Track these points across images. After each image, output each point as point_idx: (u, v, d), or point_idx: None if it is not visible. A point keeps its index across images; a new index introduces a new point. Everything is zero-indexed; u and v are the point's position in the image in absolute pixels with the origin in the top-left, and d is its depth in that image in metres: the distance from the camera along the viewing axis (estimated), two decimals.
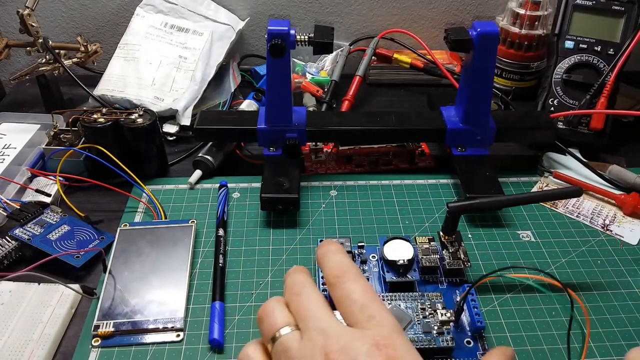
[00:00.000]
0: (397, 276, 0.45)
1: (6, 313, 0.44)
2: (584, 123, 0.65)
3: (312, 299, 0.30)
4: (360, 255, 0.49)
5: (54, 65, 0.68)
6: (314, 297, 0.30)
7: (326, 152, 0.65)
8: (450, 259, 0.47)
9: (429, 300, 0.44)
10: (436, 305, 0.43)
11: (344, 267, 0.31)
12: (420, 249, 0.47)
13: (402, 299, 0.44)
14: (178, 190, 0.59)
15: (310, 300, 0.30)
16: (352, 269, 0.31)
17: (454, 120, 0.60)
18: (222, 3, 0.81)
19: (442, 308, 0.43)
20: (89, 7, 0.82)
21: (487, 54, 0.55)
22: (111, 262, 0.48)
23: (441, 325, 0.41)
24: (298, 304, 0.30)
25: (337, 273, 0.31)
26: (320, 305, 0.30)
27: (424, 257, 0.47)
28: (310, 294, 0.30)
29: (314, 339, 0.28)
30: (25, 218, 0.52)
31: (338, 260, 0.32)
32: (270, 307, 0.30)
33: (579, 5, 0.68)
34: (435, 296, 0.44)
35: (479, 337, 0.43)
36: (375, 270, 0.48)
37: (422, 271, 0.47)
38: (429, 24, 0.86)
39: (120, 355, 0.42)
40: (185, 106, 0.69)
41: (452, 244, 0.47)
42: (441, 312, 0.42)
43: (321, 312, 0.29)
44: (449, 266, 0.46)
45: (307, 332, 0.28)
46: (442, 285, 0.47)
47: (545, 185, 0.60)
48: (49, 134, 0.62)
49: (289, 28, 0.53)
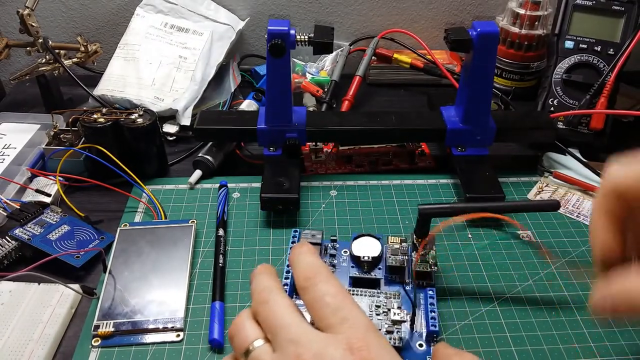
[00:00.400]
0: (361, 272, 0.46)
1: (6, 313, 0.44)
2: (584, 123, 0.65)
3: (280, 305, 0.29)
4: (333, 248, 0.49)
5: (54, 65, 0.68)
6: (281, 304, 0.29)
7: (326, 152, 0.65)
8: (418, 261, 0.46)
9: (387, 299, 0.43)
10: (392, 304, 0.43)
11: (314, 268, 0.31)
12: (390, 248, 0.47)
13: (360, 294, 0.44)
14: (178, 190, 0.59)
15: (278, 308, 0.29)
16: (322, 269, 0.31)
17: (454, 120, 0.60)
18: (222, 3, 0.81)
19: (397, 307, 0.42)
20: (89, 7, 0.82)
21: (487, 54, 0.55)
22: (111, 262, 0.48)
23: (392, 324, 0.41)
24: (266, 314, 0.29)
25: (308, 275, 0.30)
26: (289, 311, 0.29)
27: (391, 257, 0.46)
28: (278, 300, 0.30)
29: (286, 350, 0.27)
30: (25, 218, 0.52)
31: (308, 261, 0.31)
32: (240, 322, 0.30)
33: (579, 5, 0.68)
34: (393, 295, 0.43)
35: (432, 341, 0.42)
36: (344, 264, 0.48)
37: (389, 270, 0.46)
38: (429, 24, 0.86)
39: (120, 355, 0.42)
40: (185, 106, 0.69)
41: (424, 247, 0.47)
42: (395, 312, 0.42)
43: (290, 319, 0.29)
44: (415, 268, 0.46)
45: (278, 343, 0.28)
46: (408, 287, 0.46)
47: (545, 185, 0.60)
48: (49, 134, 0.62)
49: (289, 28, 0.53)
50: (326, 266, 0.31)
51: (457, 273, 0.49)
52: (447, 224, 0.28)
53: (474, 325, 0.45)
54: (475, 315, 0.45)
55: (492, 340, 0.43)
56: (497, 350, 0.43)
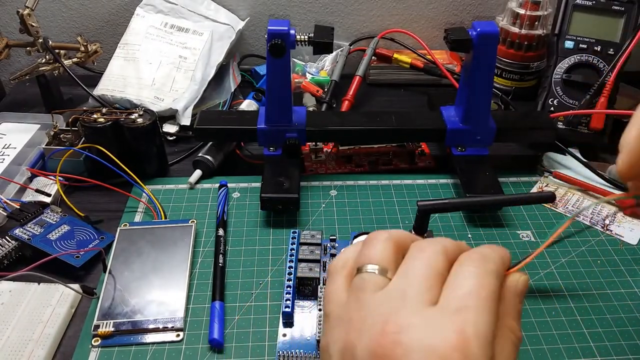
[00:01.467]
0: None
1: (6, 313, 0.44)
2: (584, 123, 0.65)
3: (427, 261, 0.26)
4: (332, 248, 0.49)
5: (54, 65, 0.68)
6: (431, 262, 0.26)
7: (326, 152, 0.65)
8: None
9: None
10: None
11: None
12: None
13: None
14: (178, 190, 0.59)
15: (422, 262, 0.26)
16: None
17: (454, 120, 0.60)
18: (222, 3, 0.81)
19: None
20: (89, 7, 0.82)
21: (487, 54, 0.55)
22: (111, 262, 0.48)
23: None
24: (410, 258, 0.27)
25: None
26: (427, 270, 0.26)
27: None
28: (433, 257, 0.26)
29: (389, 299, 0.25)
30: (25, 218, 0.52)
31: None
32: (378, 237, 0.28)
33: (579, 5, 0.68)
34: None
35: None
36: None
37: None
38: (429, 24, 0.86)
39: (120, 355, 0.42)
40: (185, 106, 0.69)
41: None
42: None
43: (424, 276, 0.25)
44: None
45: (390, 286, 0.25)
46: None
47: (545, 185, 0.60)
48: (49, 134, 0.62)
49: (289, 28, 0.53)
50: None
51: None
52: (527, 262, 0.28)
53: None
54: None
55: None
56: None
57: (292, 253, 0.48)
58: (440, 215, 0.56)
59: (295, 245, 0.49)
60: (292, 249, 0.49)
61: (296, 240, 0.49)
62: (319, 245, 0.48)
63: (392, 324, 0.24)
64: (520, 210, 0.56)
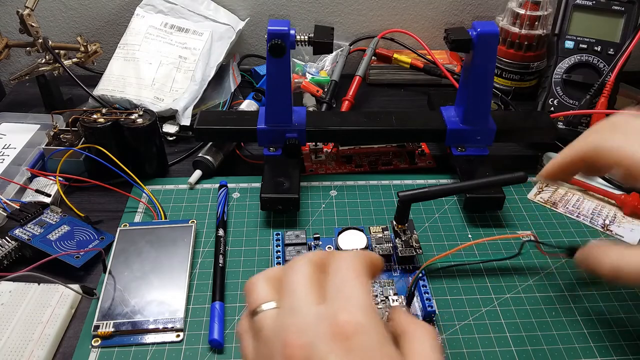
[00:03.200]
0: None
1: (6, 313, 0.44)
2: (584, 123, 0.65)
3: (299, 273, 0.29)
4: (316, 247, 0.50)
5: (54, 65, 0.68)
6: (303, 272, 0.29)
7: (326, 152, 0.65)
8: (403, 247, 0.48)
9: (381, 287, 0.45)
10: (388, 291, 0.45)
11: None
12: (374, 238, 0.49)
13: None
14: (178, 190, 0.59)
15: (296, 275, 0.28)
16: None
17: (454, 120, 0.60)
18: (222, 3, 0.81)
19: (393, 294, 0.44)
20: (89, 7, 0.82)
21: (487, 54, 0.55)
22: (111, 262, 0.48)
23: None
24: (285, 279, 0.29)
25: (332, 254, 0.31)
26: (304, 281, 0.28)
27: (377, 246, 0.48)
28: (302, 269, 0.29)
29: (281, 317, 0.27)
30: (25, 218, 0.52)
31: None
32: (255, 281, 0.30)
33: (579, 5, 0.68)
34: (387, 283, 0.45)
35: (429, 321, 0.44)
36: None
37: None
38: (429, 24, 0.86)
39: (120, 355, 0.42)
40: (185, 106, 0.69)
41: (404, 232, 0.49)
42: (393, 299, 0.44)
43: (302, 287, 0.28)
44: (401, 254, 0.48)
45: (280, 308, 0.28)
46: (395, 273, 0.48)
47: (545, 186, 0.60)
48: (49, 134, 0.62)
49: (289, 28, 0.53)
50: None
51: (457, 274, 0.49)
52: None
53: (474, 325, 0.45)
54: (475, 316, 0.45)
55: (492, 340, 0.43)
56: (497, 350, 0.43)
57: (279, 255, 0.48)
58: (441, 216, 0.56)
59: (280, 247, 0.49)
60: (277, 250, 0.49)
61: (280, 242, 0.49)
62: (305, 245, 0.49)
63: (291, 334, 0.26)
64: (520, 211, 0.56)
